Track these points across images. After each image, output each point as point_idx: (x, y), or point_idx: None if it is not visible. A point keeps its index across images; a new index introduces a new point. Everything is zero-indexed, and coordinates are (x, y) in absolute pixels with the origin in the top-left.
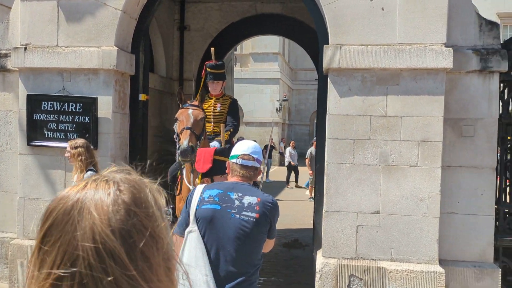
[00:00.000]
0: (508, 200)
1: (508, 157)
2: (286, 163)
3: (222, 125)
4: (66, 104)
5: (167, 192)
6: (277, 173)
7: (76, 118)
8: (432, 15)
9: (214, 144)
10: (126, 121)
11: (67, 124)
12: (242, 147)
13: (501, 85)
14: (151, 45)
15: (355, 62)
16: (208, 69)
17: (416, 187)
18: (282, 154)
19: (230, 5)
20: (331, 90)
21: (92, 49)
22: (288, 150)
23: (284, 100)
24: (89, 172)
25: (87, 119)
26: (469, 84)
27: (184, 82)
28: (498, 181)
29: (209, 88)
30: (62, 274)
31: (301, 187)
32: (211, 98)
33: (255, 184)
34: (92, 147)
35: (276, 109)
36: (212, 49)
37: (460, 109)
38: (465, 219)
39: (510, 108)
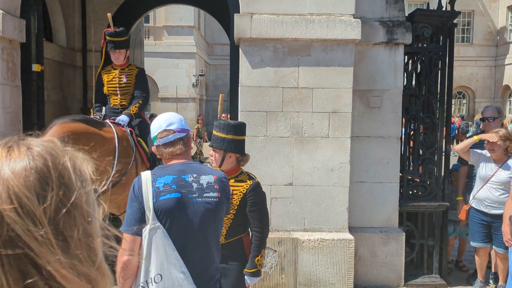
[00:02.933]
0: (411, 168)
1: (412, 127)
2: None
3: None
4: None
5: None
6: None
7: None
8: None
9: (122, 118)
10: (17, 94)
11: None
12: (156, 126)
13: (406, 57)
14: (49, 12)
15: (266, 32)
16: (107, 37)
17: (327, 158)
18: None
19: None
20: (243, 61)
21: None
22: None
23: (200, 75)
24: None
25: None
26: (376, 56)
27: (88, 53)
28: (402, 150)
29: (112, 58)
30: None
31: None
32: (115, 69)
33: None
34: None
35: (193, 84)
36: (109, 14)
37: (368, 81)
38: (373, 187)
39: (413, 80)
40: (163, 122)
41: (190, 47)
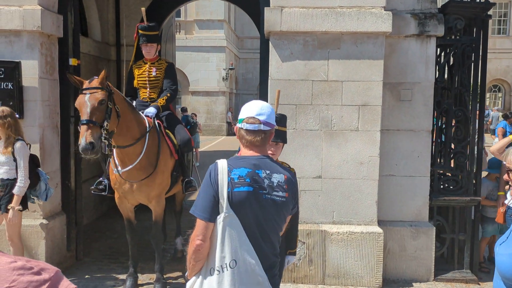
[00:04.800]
0: (442, 162)
1: (443, 120)
2: None
3: None
4: None
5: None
6: (226, 142)
7: None
8: None
9: (150, 110)
10: (55, 88)
11: None
12: (248, 109)
13: (438, 49)
14: (84, 7)
15: (296, 25)
16: (140, 31)
17: (357, 151)
18: (230, 124)
19: None
20: (273, 55)
21: (13, 8)
22: None
23: (230, 69)
24: (19, 142)
25: (10, 85)
26: (408, 48)
27: (122, 47)
28: (433, 144)
29: (143, 52)
30: None
31: None
32: (146, 63)
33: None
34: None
35: (223, 78)
36: (143, 9)
37: (398, 73)
38: (403, 181)
39: (445, 72)
40: (254, 109)
41: (220, 40)
